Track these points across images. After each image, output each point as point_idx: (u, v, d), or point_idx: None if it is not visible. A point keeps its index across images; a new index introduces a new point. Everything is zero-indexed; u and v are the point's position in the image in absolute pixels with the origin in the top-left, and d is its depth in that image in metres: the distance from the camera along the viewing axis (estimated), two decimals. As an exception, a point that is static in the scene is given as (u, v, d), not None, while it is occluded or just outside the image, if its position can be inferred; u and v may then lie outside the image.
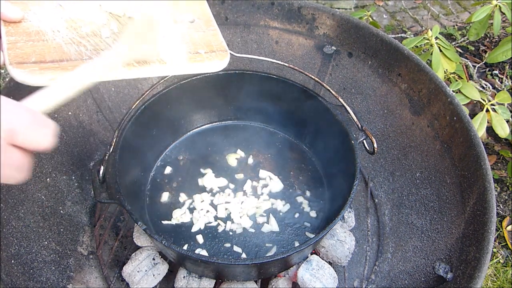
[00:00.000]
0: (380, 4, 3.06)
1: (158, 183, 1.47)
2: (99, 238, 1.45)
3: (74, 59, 0.85)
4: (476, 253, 1.13)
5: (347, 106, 1.31)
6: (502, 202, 1.96)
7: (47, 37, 0.87)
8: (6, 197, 1.22)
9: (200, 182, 1.47)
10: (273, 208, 1.41)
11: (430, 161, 1.47)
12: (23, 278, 1.16)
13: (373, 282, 1.41)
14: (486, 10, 1.93)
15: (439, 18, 2.92)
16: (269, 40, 1.78)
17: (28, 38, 0.85)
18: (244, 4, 1.71)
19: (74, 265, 1.35)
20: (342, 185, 1.35)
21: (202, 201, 1.41)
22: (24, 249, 1.22)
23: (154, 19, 0.93)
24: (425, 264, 1.32)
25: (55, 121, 1.56)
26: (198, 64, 0.98)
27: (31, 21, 0.90)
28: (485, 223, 1.15)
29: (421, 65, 1.48)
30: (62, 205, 1.42)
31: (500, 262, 1.80)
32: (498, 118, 1.83)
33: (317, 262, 1.29)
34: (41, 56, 0.83)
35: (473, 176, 1.27)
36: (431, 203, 1.43)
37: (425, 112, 1.50)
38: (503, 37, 2.56)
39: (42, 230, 1.30)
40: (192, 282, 1.26)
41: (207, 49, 1.01)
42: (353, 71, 1.69)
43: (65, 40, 0.88)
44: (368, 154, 1.29)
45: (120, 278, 1.35)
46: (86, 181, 1.53)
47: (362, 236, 1.52)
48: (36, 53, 0.83)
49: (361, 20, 1.66)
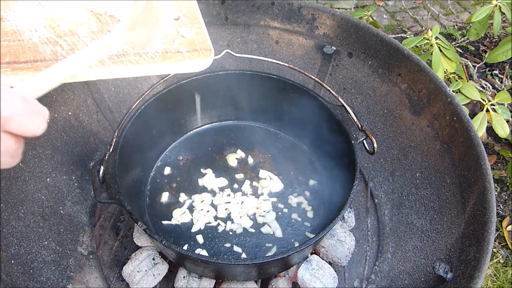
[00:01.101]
0: (380, 4, 3.06)
1: (158, 183, 1.47)
2: (99, 238, 1.45)
3: (49, 59, 0.85)
4: (476, 253, 1.13)
5: (347, 106, 1.31)
6: (502, 202, 1.96)
7: (24, 36, 0.87)
8: (6, 197, 1.22)
9: (200, 182, 1.47)
10: (276, 212, 1.41)
11: (430, 161, 1.47)
12: (23, 278, 1.16)
13: (373, 282, 1.41)
14: (486, 10, 1.93)
15: (439, 18, 2.92)
16: (269, 40, 1.78)
17: (4, 38, 0.85)
18: (244, 4, 1.71)
19: (74, 265, 1.35)
20: (342, 185, 1.35)
21: (202, 201, 1.41)
22: (24, 249, 1.22)
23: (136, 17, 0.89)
24: (425, 264, 1.32)
25: (55, 121, 1.56)
26: (178, 63, 0.94)
27: (9, 20, 0.90)
28: (485, 223, 1.15)
29: (421, 65, 1.48)
30: (62, 205, 1.42)
31: (500, 262, 1.80)
32: (498, 118, 1.83)
33: (317, 262, 1.29)
34: (15, 57, 0.83)
35: (473, 176, 1.27)
36: (431, 203, 1.43)
37: (425, 112, 1.50)
38: (503, 37, 2.56)
39: (42, 230, 1.30)
40: (192, 282, 1.26)
41: (190, 48, 0.98)
42: (353, 71, 1.69)
43: (42, 40, 0.88)
44: (368, 154, 1.29)
45: (120, 278, 1.35)
46: (86, 181, 1.53)
47: (362, 236, 1.52)
48: (10, 54, 0.83)
49: (361, 20, 1.66)
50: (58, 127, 1.47)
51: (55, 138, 1.46)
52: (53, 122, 1.45)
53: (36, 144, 1.38)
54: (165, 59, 0.92)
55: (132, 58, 0.89)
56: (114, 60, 0.87)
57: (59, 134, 1.47)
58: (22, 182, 1.29)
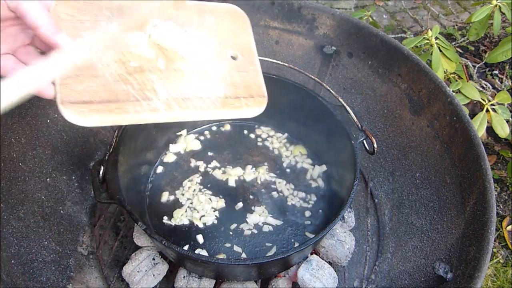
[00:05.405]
0: (380, 4, 3.06)
1: (158, 183, 1.47)
2: (99, 238, 1.45)
3: (122, 100, 0.82)
4: (476, 253, 1.13)
5: (347, 106, 1.31)
6: (502, 202, 1.96)
7: (97, 72, 0.82)
8: (6, 197, 1.22)
9: (201, 181, 1.47)
10: (276, 212, 1.41)
11: (430, 161, 1.47)
12: (23, 278, 1.16)
13: (373, 282, 1.41)
14: (486, 10, 1.93)
15: (439, 18, 2.92)
16: (269, 40, 1.78)
17: (78, 72, 0.80)
18: (244, 4, 1.70)
19: (74, 265, 1.35)
20: (342, 185, 1.35)
21: (202, 201, 1.41)
22: (24, 249, 1.22)
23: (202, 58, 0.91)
24: (425, 264, 1.32)
25: (55, 121, 1.56)
26: (236, 110, 0.94)
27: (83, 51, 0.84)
28: (485, 223, 1.15)
29: (421, 65, 1.48)
30: (62, 205, 1.42)
31: (500, 262, 1.80)
32: (498, 118, 1.82)
33: (317, 262, 1.29)
34: (91, 96, 0.79)
35: (473, 176, 1.27)
36: (431, 203, 1.43)
37: (425, 112, 1.50)
38: (503, 37, 2.55)
39: (42, 230, 1.30)
40: (192, 282, 1.26)
41: (246, 94, 0.97)
42: (353, 71, 1.69)
43: (114, 77, 0.83)
44: (368, 154, 1.29)
45: (120, 278, 1.35)
46: (86, 181, 1.53)
47: (362, 236, 1.52)
48: (86, 91, 0.79)
49: (361, 20, 1.66)
50: (58, 127, 1.47)
51: (55, 138, 1.46)
52: (53, 122, 1.45)
53: (36, 144, 1.38)
54: (225, 105, 0.93)
55: (196, 103, 0.89)
56: (180, 104, 0.87)
57: (59, 134, 1.47)
58: (22, 182, 1.29)
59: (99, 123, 0.79)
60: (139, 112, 0.83)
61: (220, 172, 1.50)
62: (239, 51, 1.03)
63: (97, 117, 0.79)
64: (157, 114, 0.84)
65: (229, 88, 0.95)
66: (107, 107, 0.80)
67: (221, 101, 0.93)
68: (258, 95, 0.99)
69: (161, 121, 0.86)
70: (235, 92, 0.96)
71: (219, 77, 0.96)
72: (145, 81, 0.87)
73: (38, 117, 1.40)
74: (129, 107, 0.82)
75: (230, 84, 0.96)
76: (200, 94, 0.91)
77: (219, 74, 0.97)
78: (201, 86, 0.93)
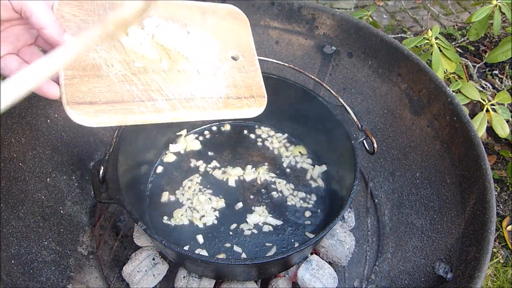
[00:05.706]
0: (380, 4, 3.06)
1: (158, 183, 1.47)
2: (99, 238, 1.45)
3: (126, 100, 0.83)
4: (476, 253, 1.13)
5: (347, 106, 1.31)
6: (502, 202, 1.96)
7: (102, 72, 0.83)
8: (6, 197, 1.22)
9: (201, 181, 1.47)
10: (276, 212, 1.41)
11: (430, 161, 1.47)
12: (23, 278, 1.16)
13: (373, 282, 1.41)
14: (486, 10, 1.93)
15: (439, 18, 2.92)
16: (269, 40, 1.78)
17: (83, 73, 0.80)
18: (244, 4, 1.71)
19: (74, 265, 1.35)
20: (342, 185, 1.35)
21: (202, 201, 1.41)
22: (24, 249, 1.22)
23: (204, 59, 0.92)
24: (425, 264, 1.32)
25: (55, 121, 1.55)
26: (237, 111, 0.95)
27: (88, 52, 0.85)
28: (485, 223, 1.15)
29: (421, 65, 1.48)
30: (62, 205, 1.42)
31: (500, 262, 1.80)
32: (498, 118, 1.83)
33: (317, 262, 1.29)
34: (96, 96, 0.80)
35: (473, 176, 1.27)
36: (431, 203, 1.43)
37: (425, 112, 1.50)
38: (503, 37, 2.55)
39: (42, 230, 1.30)
40: (192, 282, 1.26)
41: (247, 94, 0.98)
42: (353, 71, 1.69)
43: (118, 78, 0.84)
44: (368, 154, 1.29)
45: (120, 278, 1.35)
46: (86, 181, 1.53)
47: (362, 236, 1.52)
48: (91, 92, 0.80)
49: (361, 20, 1.66)
50: (58, 127, 1.47)
51: (55, 138, 1.45)
52: (53, 122, 1.45)
53: (36, 144, 1.38)
54: (227, 105, 0.94)
55: (199, 103, 0.91)
56: (184, 105, 0.88)
57: (59, 134, 1.47)
58: (22, 182, 1.29)
59: (104, 123, 0.80)
60: (144, 112, 0.83)
61: (220, 172, 1.50)
62: (240, 51, 1.04)
63: (102, 117, 0.79)
64: (161, 114, 0.85)
65: (231, 89, 0.97)
66: (112, 108, 0.81)
67: (223, 102, 0.94)
68: (259, 95, 1.00)
69: (165, 121, 0.86)
70: (237, 93, 0.97)
71: (221, 78, 0.97)
72: (149, 82, 0.87)
73: (38, 117, 1.40)
74: (134, 108, 0.83)
75: (232, 85, 0.97)
76: (203, 95, 0.92)
77: (221, 74, 0.97)
78: (204, 86, 0.93)
